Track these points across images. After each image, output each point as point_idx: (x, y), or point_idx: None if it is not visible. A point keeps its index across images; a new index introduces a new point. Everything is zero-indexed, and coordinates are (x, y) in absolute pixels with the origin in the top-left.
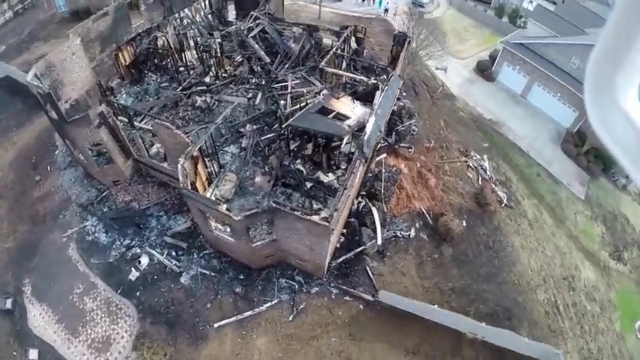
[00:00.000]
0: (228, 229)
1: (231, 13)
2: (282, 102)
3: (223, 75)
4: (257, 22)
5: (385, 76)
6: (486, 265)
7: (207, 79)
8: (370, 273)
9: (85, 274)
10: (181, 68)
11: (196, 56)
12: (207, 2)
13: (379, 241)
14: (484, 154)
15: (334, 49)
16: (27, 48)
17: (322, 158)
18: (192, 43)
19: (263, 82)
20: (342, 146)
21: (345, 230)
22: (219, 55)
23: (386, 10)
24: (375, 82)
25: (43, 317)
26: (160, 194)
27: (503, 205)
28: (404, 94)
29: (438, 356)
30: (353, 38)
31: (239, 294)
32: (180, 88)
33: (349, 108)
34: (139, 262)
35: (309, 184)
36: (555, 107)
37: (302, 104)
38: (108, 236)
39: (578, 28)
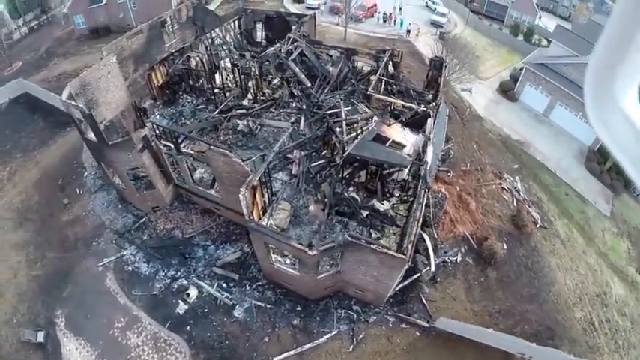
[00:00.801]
0: (290, 262)
1: (259, 34)
2: (337, 129)
3: (261, 98)
4: (295, 44)
5: (422, 101)
6: (527, 286)
7: (245, 102)
8: (424, 299)
9: (126, 307)
10: (217, 90)
11: (231, 77)
12: (236, 23)
13: (432, 268)
14: (516, 176)
15: (378, 73)
16: (45, 65)
17: (377, 186)
18: (225, 64)
19: (304, 107)
20: (395, 174)
21: None
22: (258, 77)
23: (408, 31)
24: (426, 109)
25: (80, 352)
26: (204, 222)
27: (538, 226)
28: None
29: None
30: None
31: (297, 326)
32: (218, 110)
33: (401, 135)
34: (188, 294)
35: (364, 213)
36: (577, 126)
37: (358, 132)
38: (150, 266)
39: None
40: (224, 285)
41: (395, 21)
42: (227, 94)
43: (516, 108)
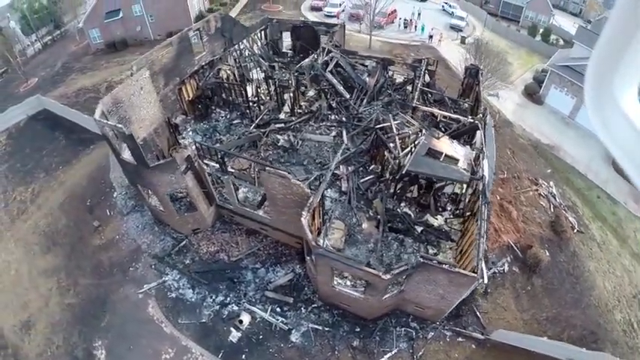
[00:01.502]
0: (351, 284)
1: (285, 44)
2: (390, 144)
3: (299, 111)
4: (330, 55)
5: (458, 109)
6: (570, 292)
7: (282, 116)
8: (477, 312)
9: (173, 336)
10: (251, 103)
11: (262, 89)
12: (262, 33)
13: (485, 280)
14: (550, 181)
15: (419, 84)
16: (62, 80)
17: (430, 201)
18: (256, 76)
19: (344, 119)
20: (446, 187)
21: None
22: (295, 89)
23: (430, 37)
24: (473, 120)
25: None
26: (250, 244)
27: (575, 230)
28: None
29: None
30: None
31: (357, 347)
32: (254, 125)
33: (452, 148)
34: (240, 321)
35: (419, 228)
36: None
37: (410, 146)
38: (196, 292)
39: None
40: (278, 309)
41: (416, 27)
42: (261, 107)
43: (543, 111)
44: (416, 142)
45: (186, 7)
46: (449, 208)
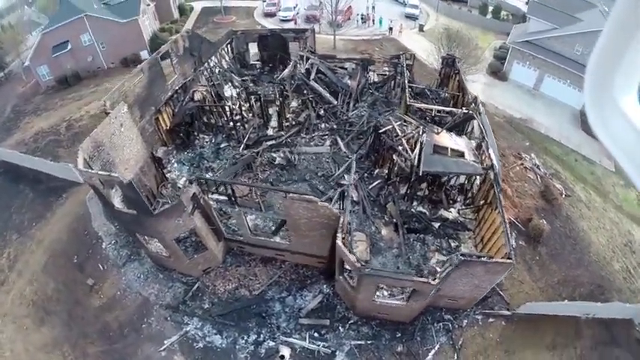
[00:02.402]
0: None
1: (252, 56)
2: (399, 147)
3: (286, 124)
4: (310, 62)
5: (438, 99)
6: (572, 253)
7: (269, 132)
8: (499, 290)
9: None
10: (236, 122)
11: (243, 107)
12: (229, 47)
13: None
14: (531, 153)
15: (406, 80)
16: (16, 126)
17: (442, 196)
18: (229, 93)
19: (335, 126)
20: (453, 180)
21: None
22: (282, 102)
23: (390, 29)
24: (467, 111)
25: None
26: (269, 272)
27: (564, 196)
28: None
29: (569, 343)
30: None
31: (402, 353)
32: (243, 146)
33: (453, 142)
34: (282, 356)
35: (436, 224)
36: (567, 93)
37: (417, 147)
38: (225, 337)
39: (570, 15)
40: (316, 334)
41: (373, 21)
42: (245, 125)
43: (509, 87)
44: (421, 142)
45: (140, 30)
46: (459, 199)
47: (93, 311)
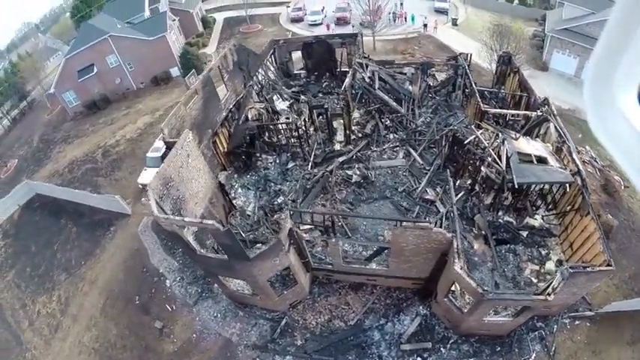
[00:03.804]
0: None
1: (296, 65)
2: (489, 158)
3: (353, 138)
4: (370, 69)
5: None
6: (637, 245)
7: (336, 147)
8: None
9: None
10: (299, 139)
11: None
12: (273, 58)
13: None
14: (585, 145)
15: (474, 84)
16: (47, 156)
17: (527, 203)
18: (280, 107)
19: (404, 136)
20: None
21: None
22: (348, 114)
23: (425, 25)
24: (541, 114)
25: None
26: (362, 300)
27: (623, 187)
28: None
29: None
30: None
31: None
32: (311, 164)
33: (532, 147)
34: None
35: (524, 233)
36: None
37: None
38: None
39: None
40: (418, 359)
41: (405, 18)
42: (309, 141)
43: (551, 77)
44: (506, 150)
45: (168, 46)
46: (541, 205)
47: (167, 357)
